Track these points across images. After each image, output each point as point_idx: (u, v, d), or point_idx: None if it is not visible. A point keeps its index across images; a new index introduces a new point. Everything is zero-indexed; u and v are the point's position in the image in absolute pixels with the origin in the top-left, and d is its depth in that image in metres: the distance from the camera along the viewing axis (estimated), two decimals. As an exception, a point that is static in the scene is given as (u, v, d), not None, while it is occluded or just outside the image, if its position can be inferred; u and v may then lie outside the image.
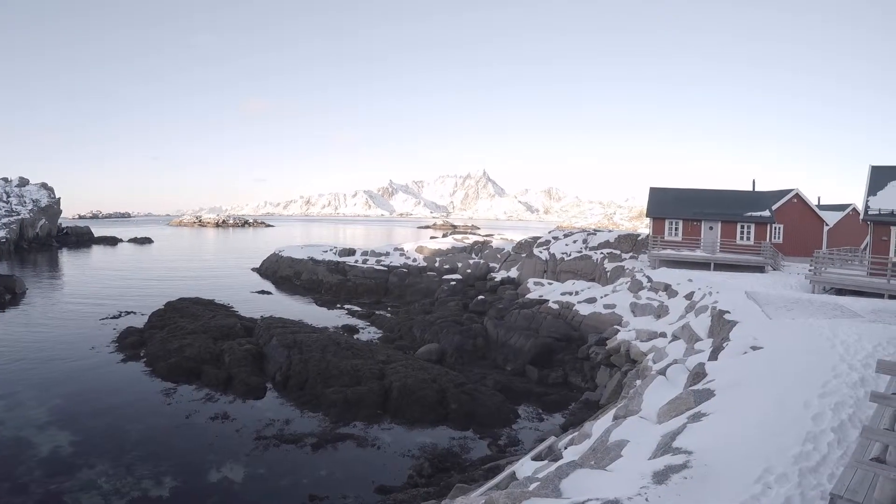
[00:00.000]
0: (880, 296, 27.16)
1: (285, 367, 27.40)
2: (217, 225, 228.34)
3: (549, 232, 63.16)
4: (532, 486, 8.85)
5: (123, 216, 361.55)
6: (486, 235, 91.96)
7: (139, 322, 38.53)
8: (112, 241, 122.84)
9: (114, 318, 41.33)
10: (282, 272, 67.73)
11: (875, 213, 30.21)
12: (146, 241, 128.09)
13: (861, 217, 31.93)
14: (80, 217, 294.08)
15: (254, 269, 74.35)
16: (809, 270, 31.43)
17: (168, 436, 20.95)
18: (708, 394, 11.52)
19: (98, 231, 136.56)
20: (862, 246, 43.40)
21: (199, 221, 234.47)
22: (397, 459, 19.80)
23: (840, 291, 28.84)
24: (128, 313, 42.79)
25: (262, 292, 57.38)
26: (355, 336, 37.34)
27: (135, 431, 21.09)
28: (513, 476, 12.46)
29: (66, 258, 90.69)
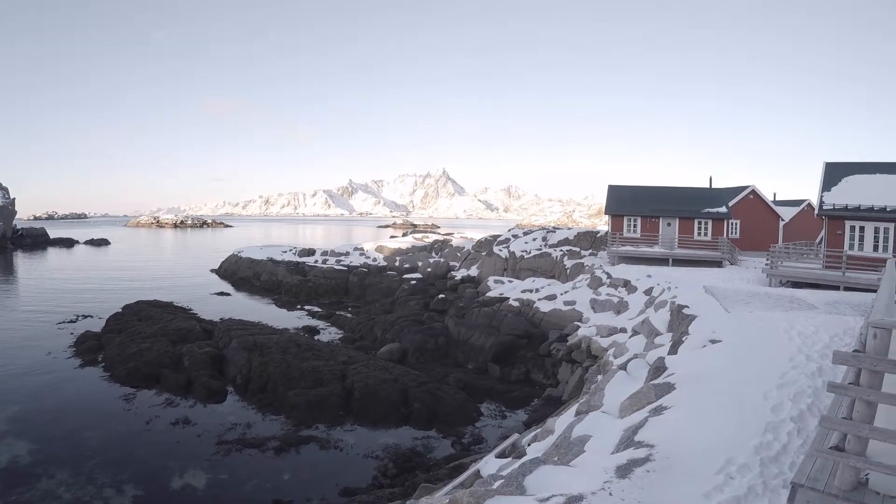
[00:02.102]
0: (836, 288, 27.74)
1: (246, 369, 27.03)
2: (175, 226, 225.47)
3: (509, 230, 63.41)
4: (496, 484, 8.80)
5: (80, 217, 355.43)
6: (446, 234, 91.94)
7: (97, 326, 37.67)
8: (68, 243, 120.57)
9: (71, 322, 40.42)
10: (241, 273, 66.94)
11: (829, 207, 30.91)
12: (103, 242, 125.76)
13: (816, 212, 32.65)
14: (36, 218, 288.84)
15: (213, 271, 73.37)
16: (766, 264, 31.97)
17: (128, 442, 20.52)
18: (668, 387, 11.59)
19: (54, 232, 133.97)
20: (817, 240, 44.31)
21: (157, 222, 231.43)
22: (361, 461, 19.66)
23: (796, 284, 29.39)
24: (85, 317, 41.93)
25: (222, 294, 56.67)
26: (316, 337, 37.04)
27: (95, 439, 20.61)
28: (477, 474, 12.41)
29: (22, 261, 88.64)
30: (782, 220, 53.18)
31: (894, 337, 5.69)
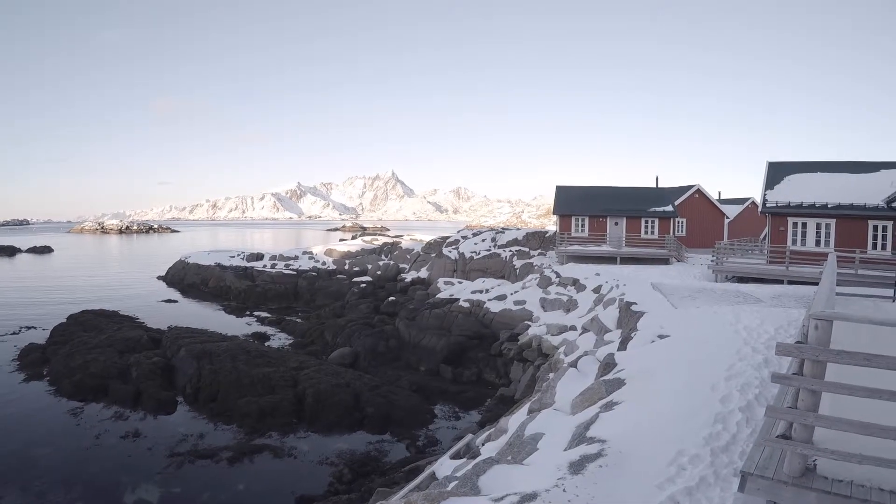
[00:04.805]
0: (780, 282, 28.47)
1: (195, 378, 26.46)
2: (121, 231, 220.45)
3: (458, 231, 63.50)
4: (451, 486, 8.78)
5: (21, 223, 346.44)
6: (396, 236, 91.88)
7: (41, 338, 36.28)
8: (9, 252, 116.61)
9: (13, 334, 38.95)
10: (188, 279, 65.78)
11: (773, 205, 31.88)
12: (46, 250, 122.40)
13: (760, 209, 33.59)
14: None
15: (159, 278, 71.76)
16: (712, 261, 32.65)
17: (78, 458, 19.87)
18: (619, 383, 11.71)
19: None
20: (761, 236, 45.46)
21: (102, 228, 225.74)
22: (316, 467, 19.45)
23: (742, 279, 30.07)
24: (28, 328, 40.47)
25: (169, 301, 55.49)
26: (266, 343, 36.46)
27: (43, 456, 19.92)
28: (432, 476, 12.37)
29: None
30: (727, 217, 54.48)
31: (835, 328, 5.83)
